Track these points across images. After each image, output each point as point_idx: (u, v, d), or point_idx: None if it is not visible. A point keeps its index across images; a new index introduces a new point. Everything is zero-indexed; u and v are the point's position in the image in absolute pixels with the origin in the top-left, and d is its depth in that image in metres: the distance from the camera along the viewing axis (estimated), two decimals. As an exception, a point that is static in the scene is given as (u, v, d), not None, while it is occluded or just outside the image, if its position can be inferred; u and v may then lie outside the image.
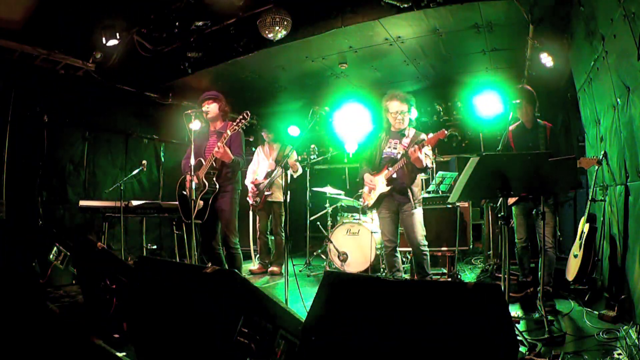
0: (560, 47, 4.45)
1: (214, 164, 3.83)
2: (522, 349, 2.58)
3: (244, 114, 3.71)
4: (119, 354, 1.97)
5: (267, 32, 4.31)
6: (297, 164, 5.66)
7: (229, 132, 3.72)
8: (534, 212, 3.68)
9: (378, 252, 5.07)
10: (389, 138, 3.98)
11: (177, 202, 4.14)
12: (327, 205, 5.85)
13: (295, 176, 5.71)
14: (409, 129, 3.94)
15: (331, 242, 5.34)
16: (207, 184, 3.80)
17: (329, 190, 5.73)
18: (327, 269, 5.48)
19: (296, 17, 4.37)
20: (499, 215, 2.94)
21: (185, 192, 3.91)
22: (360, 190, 4.76)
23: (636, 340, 2.37)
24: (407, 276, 4.82)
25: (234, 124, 3.74)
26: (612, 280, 3.44)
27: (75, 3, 4.39)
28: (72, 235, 5.01)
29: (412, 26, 4.45)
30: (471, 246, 4.92)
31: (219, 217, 3.94)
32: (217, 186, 3.86)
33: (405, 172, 3.81)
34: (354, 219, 5.46)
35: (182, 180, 4.06)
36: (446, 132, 3.59)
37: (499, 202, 3.09)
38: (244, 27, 4.67)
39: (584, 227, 3.76)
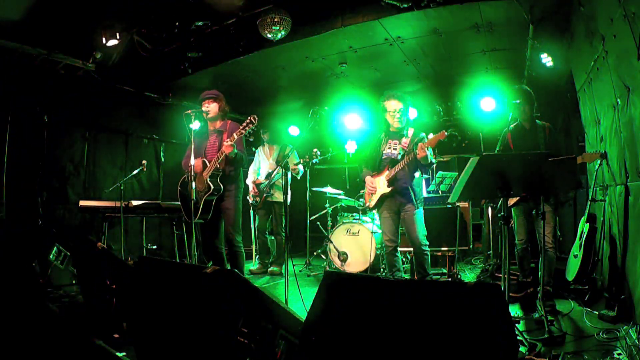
0: (560, 47, 4.45)
1: (218, 165, 3.83)
2: (522, 349, 2.58)
3: (251, 119, 3.66)
4: (119, 354, 1.97)
5: (267, 32, 4.31)
6: (298, 166, 5.60)
7: (235, 136, 3.69)
8: (533, 213, 3.68)
9: (378, 252, 5.07)
10: (389, 139, 3.98)
11: (177, 202, 4.14)
12: (327, 205, 5.85)
13: (298, 177, 5.69)
14: (409, 129, 3.95)
15: (331, 242, 5.34)
16: (211, 185, 3.80)
17: (329, 190, 5.72)
18: (327, 269, 5.48)
19: (296, 17, 4.37)
20: (499, 215, 2.94)
21: (186, 193, 3.90)
22: (362, 191, 4.75)
23: (636, 340, 2.37)
24: (407, 276, 4.82)
25: (241, 127, 3.70)
26: (612, 280, 3.44)
27: (75, 3, 4.39)
28: (72, 235, 5.02)
29: (412, 26, 4.45)
30: (471, 246, 4.92)
31: (224, 217, 3.94)
32: (222, 186, 3.86)
33: (406, 172, 3.81)
34: (354, 219, 5.45)
35: (183, 180, 4.05)
36: (446, 133, 3.58)
37: (499, 202, 3.09)
38: (244, 27, 4.68)
39: (584, 227, 3.76)
